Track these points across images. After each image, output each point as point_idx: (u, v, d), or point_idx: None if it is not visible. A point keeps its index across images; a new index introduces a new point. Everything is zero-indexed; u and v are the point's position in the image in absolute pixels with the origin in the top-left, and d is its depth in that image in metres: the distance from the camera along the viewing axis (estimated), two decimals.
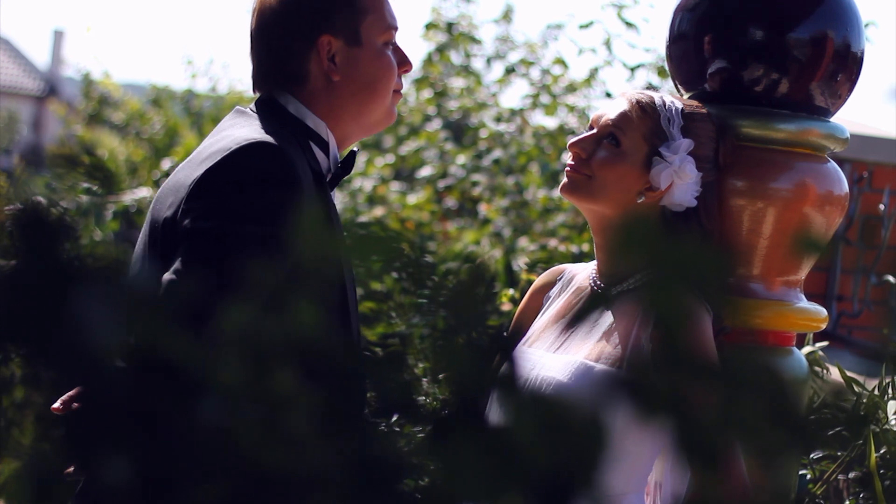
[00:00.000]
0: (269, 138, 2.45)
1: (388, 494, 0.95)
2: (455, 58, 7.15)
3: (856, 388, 3.61)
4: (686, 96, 3.02)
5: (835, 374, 3.75)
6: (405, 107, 7.22)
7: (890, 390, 3.49)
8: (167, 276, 2.31)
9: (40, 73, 38.09)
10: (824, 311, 3.05)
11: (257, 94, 2.67)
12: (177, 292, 2.25)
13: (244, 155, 2.42)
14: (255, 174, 2.42)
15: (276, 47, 2.61)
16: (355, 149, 2.75)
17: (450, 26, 7.24)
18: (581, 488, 0.92)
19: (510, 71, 7.25)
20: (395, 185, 7.11)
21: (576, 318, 2.81)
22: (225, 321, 0.98)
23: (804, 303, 3.00)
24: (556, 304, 2.88)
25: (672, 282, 1.01)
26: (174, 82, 12.80)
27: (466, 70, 7.19)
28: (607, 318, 2.72)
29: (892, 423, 3.45)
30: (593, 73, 6.95)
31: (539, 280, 2.99)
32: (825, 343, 4.00)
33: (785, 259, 2.94)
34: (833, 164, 3.01)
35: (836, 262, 5.31)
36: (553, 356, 2.73)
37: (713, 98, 2.95)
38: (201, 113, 10.71)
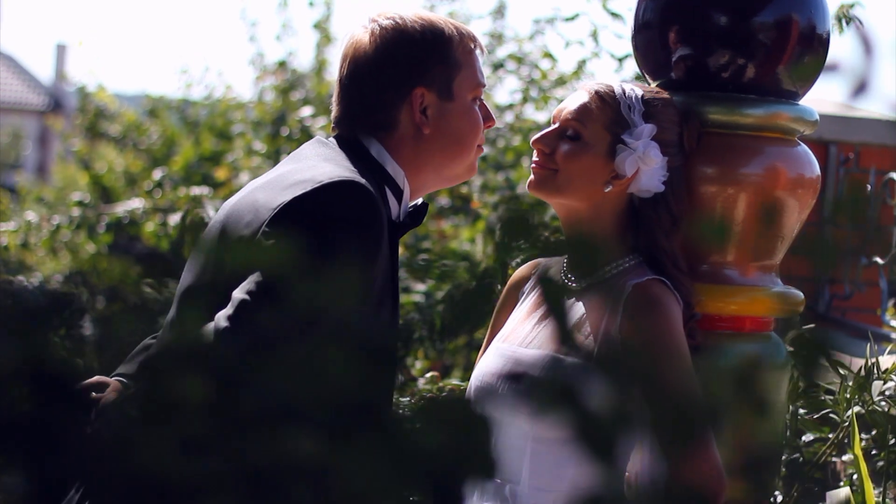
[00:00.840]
0: (359, 179, 2.47)
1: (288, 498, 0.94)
2: None
3: (841, 371, 3.60)
4: (653, 85, 3.01)
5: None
6: None
7: (875, 370, 3.47)
8: (238, 294, 2.32)
9: (44, 88, 38.15)
10: (801, 295, 3.04)
11: (336, 132, 2.69)
12: (248, 311, 2.27)
13: (335, 192, 2.43)
14: (344, 212, 2.43)
15: (369, 95, 2.63)
16: (426, 202, 2.78)
17: None
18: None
19: (498, 67, 7.24)
20: None
21: (546, 313, 2.80)
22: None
23: (780, 287, 2.99)
24: (529, 299, 2.88)
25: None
26: (169, 91, 12.81)
27: None
28: (578, 311, 2.72)
29: (880, 403, 3.44)
30: (581, 66, 6.94)
31: (515, 275, 2.99)
32: (811, 326, 3.99)
33: (758, 244, 2.93)
34: (804, 146, 3.00)
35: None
36: (525, 351, 2.73)
37: (680, 86, 2.94)
38: (198, 121, 10.71)
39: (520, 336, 2.79)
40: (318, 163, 2.53)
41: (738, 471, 2.90)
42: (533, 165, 2.78)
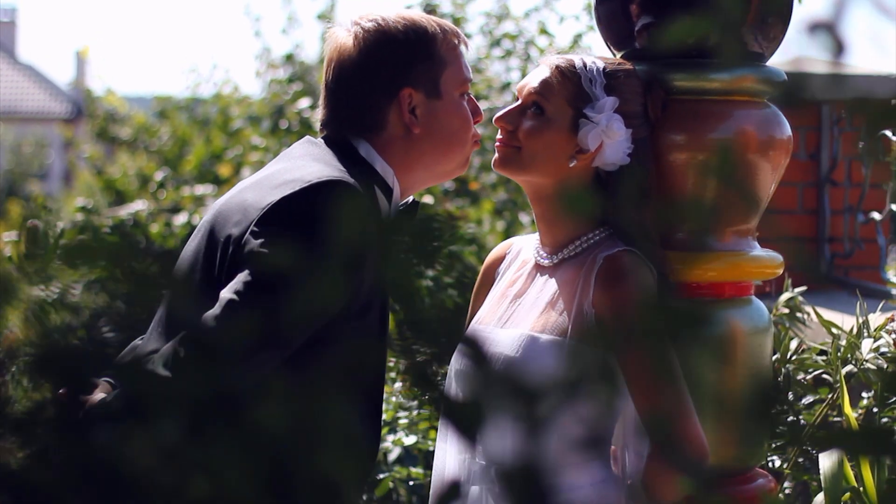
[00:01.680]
0: (348, 178, 2.47)
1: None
2: None
3: (834, 331, 3.58)
4: (618, 56, 2.99)
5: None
6: None
7: (865, 330, 3.45)
8: (226, 293, 2.33)
9: (66, 96, 38.33)
10: (780, 257, 3.02)
11: (324, 133, 2.69)
12: (236, 310, 2.28)
13: (323, 191, 2.43)
14: (331, 212, 2.43)
15: (356, 98, 2.63)
16: (417, 200, 2.78)
17: (427, 5, 7.23)
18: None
19: (495, 44, 7.22)
20: None
21: (520, 292, 2.80)
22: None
23: (758, 250, 2.98)
24: (504, 279, 2.87)
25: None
26: (178, 92, 12.83)
27: None
28: (551, 288, 2.71)
29: (874, 361, 3.42)
30: (577, 40, 6.92)
31: (490, 256, 2.99)
32: (804, 288, 3.97)
33: (733, 209, 2.92)
34: (773, 108, 2.97)
35: (825, 204, 5.27)
36: (501, 331, 2.72)
37: (644, 55, 2.92)
38: (208, 120, 10.74)
39: (495, 316, 2.78)
40: (307, 162, 2.53)
41: (726, 437, 2.90)
42: (497, 143, 2.77)
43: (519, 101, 2.76)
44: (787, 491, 3.95)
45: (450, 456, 2.81)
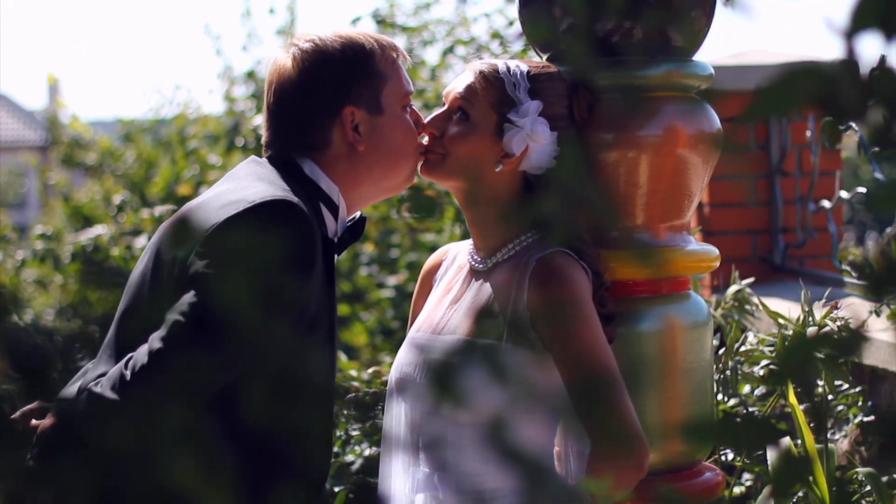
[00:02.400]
0: (291, 197, 2.47)
1: None
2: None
3: (781, 322, 3.60)
4: (545, 58, 2.99)
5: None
6: None
7: (810, 319, 3.46)
8: (172, 315, 2.33)
9: (41, 123, 38.23)
10: (716, 251, 3.03)
11: (268, 153, 2.69)
12: (182, 332, 2.28)
13: (267, 211, 2.43)
14: (275, 231, 2.43)
15: (298, 119, 2.63)
16: (364, 216, 2.78)
17: (377, 16, 7.24)
18: None
19: (449, 51, 7.23)
20: None
21: (456, 297, 2.80)
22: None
23: (693, 245, 2.98)
24: (441, 285, 2.87)
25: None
26: (142, 114, 12.81)
27: None
28: (486, 292, 2.71)
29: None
30: (528, 46, 6.91)
31: (427, 264, 2.99)
32: (751, 280, 3.98)
33: (665, 205, 2.92)
34: (702, 101, 2.98)
35: (776, 194, 5.28)
36: (437, 337, 2.72)
37: (570, 56, 2.92)
38: (171, 141, 10.72)
39: (433, 323, 2.78)
40: (251, 182, 2.53)
41: (669, 433, 2.90)
42: (423, 149, 2.77)
43: (445, 107, 2.77)
44: (748, 483, 3.97)
45: (396, 464, 2.81)
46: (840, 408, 3.82)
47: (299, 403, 1.03)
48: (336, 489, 3.96)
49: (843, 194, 4.41)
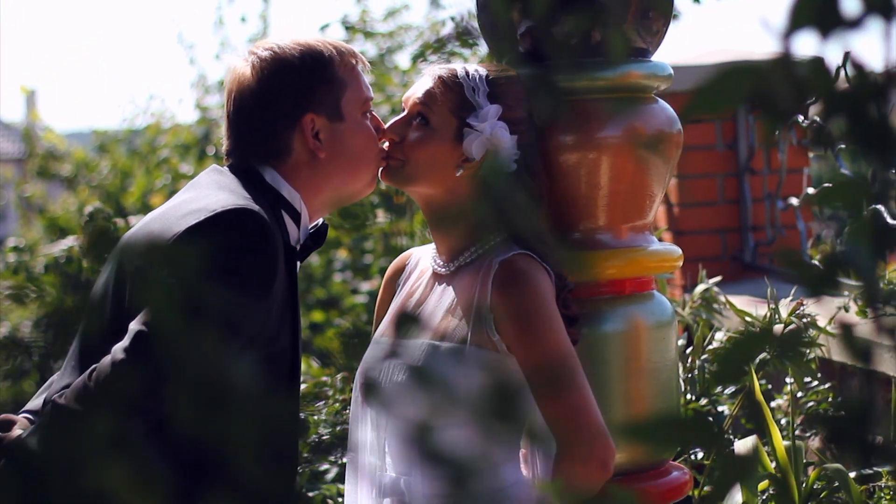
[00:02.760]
0: (252, 205, 2.47)
1: None
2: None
3: (748, 320, 3.60)
4: (504, 62, 3.00)
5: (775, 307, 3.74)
6: None
7: (776, 316, 3.47)
8: (135, 325, 2.33)
9: (19, 135, 38.13)
10: (678, 250, 3.04)
11: (229, 162, 2.68)
12: (145, 342, 2.27)
13: (228, 220, 2.43)
14: (237, 239, 2.43)
15: (259, 128, 2.63)
16: (326, 223, 2.78)
17: (346, 23, 7.25)
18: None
19: (417, 57, 7.23)
20: None
21: (419, 301, 2.80)
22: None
23: (656, 245, 2.99)
24: (404, 289, 2.87)
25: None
26: (116, 124, 12.76)
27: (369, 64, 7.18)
28: (449, 296, 2.71)
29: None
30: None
31: (390, 268, 2.99)
32: (718, 278, 3.98)
33: (627, 206, 2.93)
34: (662, 102, 2.99)
35: (745, 193, 5.30)
36: (402, 341, 2.72)
37: (530, 59, 2.93)
38: (145, 152, 10.70)
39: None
40: (212, 191, 2.53)
41: (635, 433, 2.90)
42: (384, 155, 2.77)
43: (405, 112, 2.77)
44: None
45: (363, 469, 2.81)
46: (810, 404, 3.83)
47: (259, 418, 1.03)
48: (311, 494, 3.96)
49: (811, 191, 4.42)
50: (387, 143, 2.76)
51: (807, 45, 1.20)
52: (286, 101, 2.62)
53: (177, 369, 2.34)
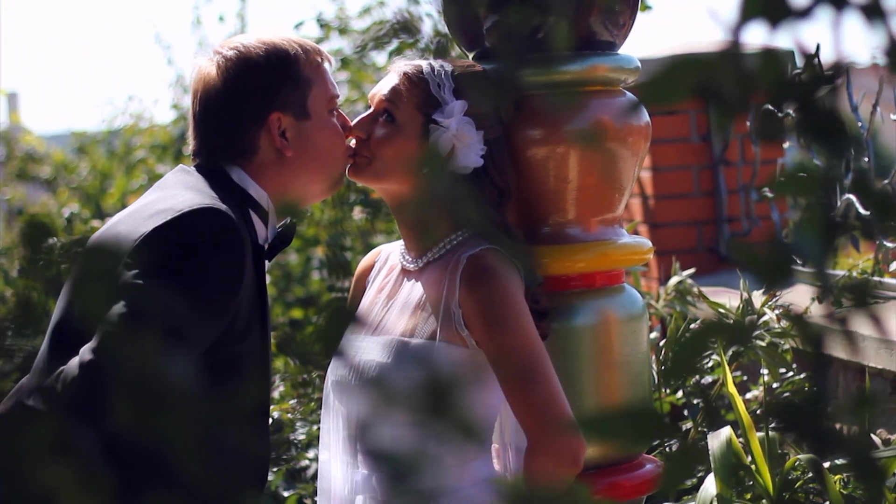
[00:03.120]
0: (219, 205, 2.46)
1: None
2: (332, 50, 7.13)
3: (721, 311, 3.61)
4: (471, 57, 2.99)
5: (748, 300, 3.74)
6: None
7: (749, 308, 3.48)
8: (102, 326, 2.31)
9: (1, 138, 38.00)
10: (648, 243, 3.03)
11: (196, 162, 2.68)
12: (112, 342, 2.26)
13: (194, 219, 2.43)
14: (204, 239, 2.42)
15: (225, 128, 2.63)
16: (295, 221, 2.78)
17: (321, 20, 7.23)
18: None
19: (394, 53, 7.21)
20: None
21: (388, 298, 2.80)
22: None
23: (626, 238, 2.98)
24: (374, 286, 2.87)
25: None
26: (95, 126, 12.72)
27: (344, 62, 7.17)
28: (418, 292, 2.71)
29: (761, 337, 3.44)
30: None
31: (360, 265, 2.99)
32: (692, 270, 3.98)
33: (596, 199, 2.92)
34: (629, 95, 2.99)
35: (720, 184, 5.30)
36: (372, 338, 2.72)
37: (497, 54, 2.92)
38: (127, 152, 10.66)
39: (367, 324, 2.78)
40: (179, 191, 2.53)
41: (605, 427, 2.90)
42: (350, 152, 2.77)
43: (371, 110, 2.76)
44: (699, 474, 3.97)
45: (335, 468, 2.80)
46: (785, 395, 3.83)
47: (226, 417, 1.02)
48: (286, 494, 3.95)
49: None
50: (353, 141, 2.76)
51: (756, 35, 1.20)
52: (252, 101, 2.61)
53: (121, 371, 2.32)
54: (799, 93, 1.24)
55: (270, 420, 3.95)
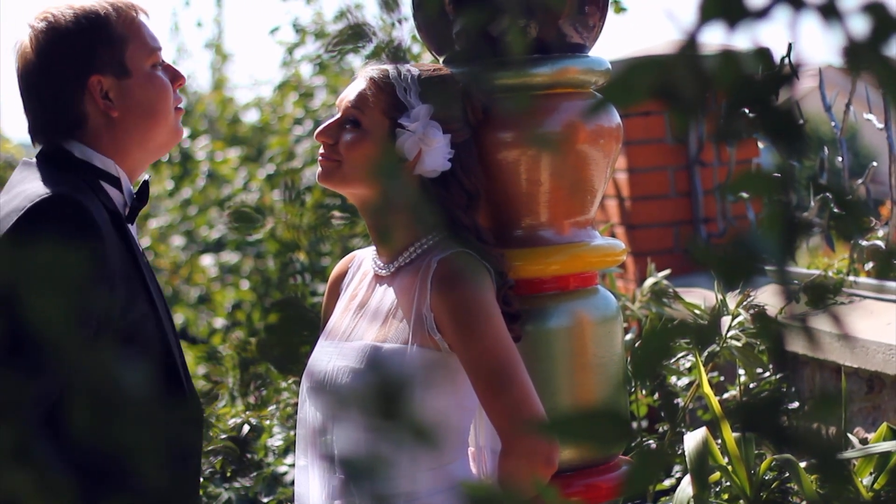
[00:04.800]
0: (61, 189, 2.44)
1: None
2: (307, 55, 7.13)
3: (696, 312, 3.61)
4: (441, 61, 2.99)
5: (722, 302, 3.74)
6: (275, 114, 7.22)
7: (724, 308, 3.48)
8: None
9: None
10: (622, 245, 3.03)
11: (38, 146, 2.65)
12: None
13: (39, 211, 2.41)
14: (54, 230, 2.40)
15: (48, 100, 2.61)
16: (147, 177, 2.74)
17: (297, 26, 7.23)
18: None
19: (371, 57, 7.21)
20: (278, 195, 7.08)
21: (361, 303, 2.80)
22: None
23: (599, 240, 2.98)
24: (347, 292, 2.87)
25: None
26: None
27: (322, 67, 7.17)
28: (390, 297, 2.71)
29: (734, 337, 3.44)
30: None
31: (334, 272, 2.99)
32: (667, 271, 3.99)
33: (569, 201, 2.92)
34: (600, 97, 2.98)
35: (696, 185, 5.31)
36: (345, 344, 2.72)
37: (467, 58, 2.92)
38: None
39: (340, 330, 2.78)
40: (23, 187, 2.50)
41: (572, 429, 2.90)
42: (319, 157, 2.77)
43: (338, 115, 2.76)
44: (677, 475, 3.98)
45: (313, 472, 2.80)
46: (763, 395, 3.84)
47: (120, 413, 1.01)
48: (266, 500, 3.95)
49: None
50: (322, 146, 2.76)
51: (715, 37, 1.20)
52: (67, 68, 2.59)
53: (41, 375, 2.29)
54: (757, 93, 1.24)
55: (247, 426, 3.94)
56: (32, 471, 1.08)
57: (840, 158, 3.90)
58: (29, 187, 2.48)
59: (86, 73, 2.59)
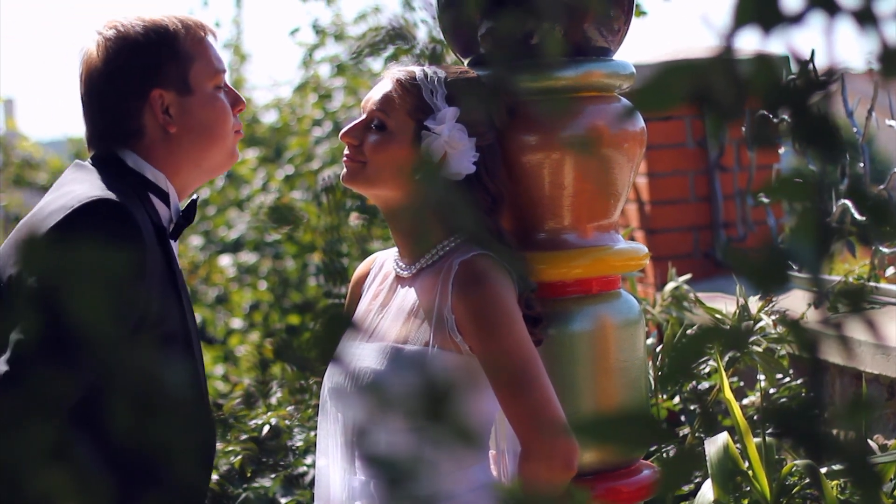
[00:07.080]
0: (109, 194, 2.45)
1: None
2: (329, 57, 7.14)
3: (718, 317, 3.61)
4: (466, 63, 2.99)
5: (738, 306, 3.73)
6: (294, 115, 7.22)
7: (745, 313, 3.47)
8: (15, 335, 2.29)
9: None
10: (644, 249, 3.03)
11: (92, 151, 2.67)
12: (26, 351, 2.24)
13: (86, 213, 2.41)
14: (98, 232, 2.41)
15: (109, 108, 2.62)
16: (196, 197, 2.77)
17: (316, 27, 7.24)
18: None
19: (390, 59, 7.21)
20: (297, 194, 7.09)
21: (382, 304, 2.80)
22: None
23: (622, 244, 2.98)
24: (369, 293, 2.87)
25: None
26: None
27: (340, 68, 7.19)
28: (411, 298, 2.71)
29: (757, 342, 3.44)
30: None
31: (356, 273, 2.99)
32: (688, 276, 3.99)
33: (592, 205, 2.92)
34: (624, 101, 2.99)
35: (716, 190, 5.30)
36: (367, 345, 2.72)
37: (492, 60, 2.92)
38: None
39: (361, 331, 2.78)
40: (72, 188, 2.52)
41: (601, 432, 2.90)
42: (344, 158, 2.77)
43: (363, 116, 2.76)
44: (697, 479, 3.97)
45: (334, 473, 2.80)
46: (782, 400, 3.83)
47: (156, 413, 1.02)
48: (284, 500, 3.95)
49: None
50: (347, 147, 2.76)
51: (750, 41, 1.20)
52: (132, 79, 2.61)
53: (75, 370, 2.29)
54: (792, 98, 1.24)
55: (268, 426, 3.95)
56: (70, 469, 1.08)
57: (861, 164, 3.89)
58: (78, 188, 2.49)
59: (149, 86, 2.61)
